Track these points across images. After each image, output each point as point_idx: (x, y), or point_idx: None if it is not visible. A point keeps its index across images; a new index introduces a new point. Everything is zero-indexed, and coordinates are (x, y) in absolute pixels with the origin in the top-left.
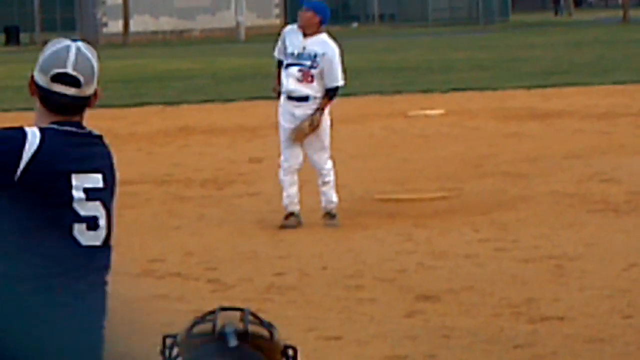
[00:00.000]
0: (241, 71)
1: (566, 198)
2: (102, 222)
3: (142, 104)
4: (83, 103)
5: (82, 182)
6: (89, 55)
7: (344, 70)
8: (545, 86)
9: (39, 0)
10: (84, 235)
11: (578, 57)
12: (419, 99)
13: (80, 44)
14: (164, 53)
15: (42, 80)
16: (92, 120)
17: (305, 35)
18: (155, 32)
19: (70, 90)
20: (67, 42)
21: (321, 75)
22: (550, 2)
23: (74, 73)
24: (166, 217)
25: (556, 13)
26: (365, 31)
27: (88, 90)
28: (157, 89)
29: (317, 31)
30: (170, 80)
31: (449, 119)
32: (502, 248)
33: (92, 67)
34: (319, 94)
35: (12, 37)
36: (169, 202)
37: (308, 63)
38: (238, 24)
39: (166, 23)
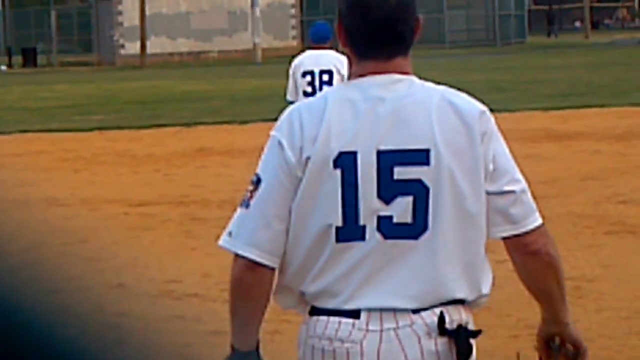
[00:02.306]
0: (258, 92)
1: (584, 219)
2: None
3: (159, 126)
4: None
5: None
6: None
7: None
8: (562, 108)
9: (56, 22)
10: None
11: (595, 79)
12: None
13: None
14: (180, 75)
15: None
16: (109, 142)
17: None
18: (172, 54)
19: None
20: None
21: None
22: (567, 24)
23: None
24: (183, 238)
25: (549, 35)
26: None
27: None
28: (174, 110)
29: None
30: (187, 102)
31: None
32: None
33: None
34: None
35: (30, 58)
36: (186, 223)
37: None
38: (255, 46)
39: (183, 45)
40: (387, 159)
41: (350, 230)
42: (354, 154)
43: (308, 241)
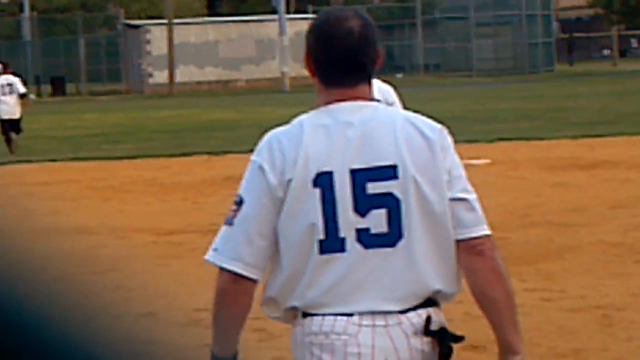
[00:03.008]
0: (286, 121)
1: (613, 248)
2: None
3: (187, 154)
4: None
5: None
6: None
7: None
8: (591, 136)
9: (85, 51)
10: None
11: (624, 106)
12: (465, 149)
13: None
14: (209, 103)
15: None
16: (137, 170)
17: None
18: (200, 83)
19: None
20: None
21: None
22: (596, 52)
23: None
24: (212, 267)
25: (571, 64)
26: (410, 81)
27: None
28: (202, 139)
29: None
30: (215, 130)
31: (494, 169)
32: (549, 298)
33: None
34: None
35: (59, 87)
36: None
37: None
38: (283, 74)
39: (211, 73)
40: (359, 176)
41: (331, 243)
42: (330, 173)
43: (293, 256)
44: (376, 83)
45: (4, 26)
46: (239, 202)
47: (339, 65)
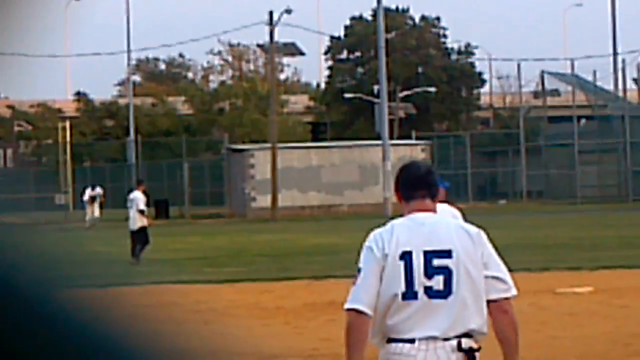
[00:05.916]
0: None
1: None
2: None
3: (289, 278)
4: None
5: None
6: None
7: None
8: None
9: (188, 175)
10: None
11: None
12: (567, 276)
13: None
14: (311, 228)
15: None
16: (239, 294)
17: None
18: (303, 207)
19: None
20: None
21: None
22: None
23: None
24: None
25: None
26: (513, 208)
27: None
28: (304, 263)
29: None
30: (317, 255)
31: (597, 297)
32: None
33: None
34: None
35: (162, 210)
36: None
37: None
38: (385, 200)
39: (314, 198)
40: (429, 255)
41: (409, 294)
42: (410, 252)
43: (386, 300)
44: (448, 208)
45: (109, 149)
46: (359, 271)
47: (413, 184)
